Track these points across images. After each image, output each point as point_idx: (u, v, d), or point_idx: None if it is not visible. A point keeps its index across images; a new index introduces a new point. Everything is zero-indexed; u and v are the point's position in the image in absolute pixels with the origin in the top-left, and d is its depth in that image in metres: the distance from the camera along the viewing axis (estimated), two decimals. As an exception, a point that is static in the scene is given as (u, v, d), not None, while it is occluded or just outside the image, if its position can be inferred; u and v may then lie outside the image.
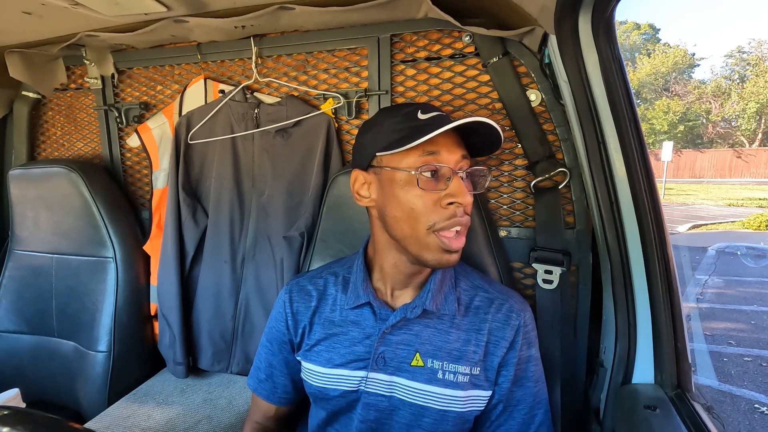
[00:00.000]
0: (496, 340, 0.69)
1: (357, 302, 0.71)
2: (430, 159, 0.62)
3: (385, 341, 0.69)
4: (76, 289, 1.22)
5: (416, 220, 0.62)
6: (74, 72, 1.34)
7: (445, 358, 0.68)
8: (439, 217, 0.61)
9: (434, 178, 0.62)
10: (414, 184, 0.62)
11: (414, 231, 0.63)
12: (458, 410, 0.67)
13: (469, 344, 0.69)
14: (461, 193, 0.61)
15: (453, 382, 0.67)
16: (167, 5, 0.91)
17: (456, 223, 0.62)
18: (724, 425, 2.08)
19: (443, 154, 0.62)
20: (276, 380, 0.79)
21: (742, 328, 3.62)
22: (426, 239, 0.62)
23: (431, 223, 0.62)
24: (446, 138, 0.63)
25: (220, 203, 1.16)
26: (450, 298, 0.70)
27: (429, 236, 0.62)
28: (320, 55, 1.11)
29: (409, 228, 0.63)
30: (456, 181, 0.61)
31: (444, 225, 0.61)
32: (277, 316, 0.78)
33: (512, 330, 0.69)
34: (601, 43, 0.67)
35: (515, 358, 0.69)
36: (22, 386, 0.89)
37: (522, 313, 0.71)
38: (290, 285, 0.78)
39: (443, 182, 0.62)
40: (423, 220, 0.62)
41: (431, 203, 0.62)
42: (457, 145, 0.64)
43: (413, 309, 0.68)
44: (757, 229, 8.02)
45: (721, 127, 22.92)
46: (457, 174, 0.62)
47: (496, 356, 0.69)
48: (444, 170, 0.62)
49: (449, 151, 0.62)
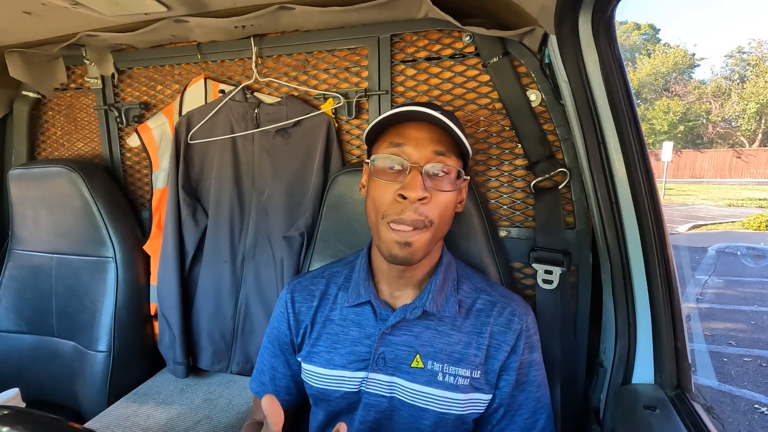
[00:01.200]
0: (498, 344, 0.69)
1: (358, 300, 0.70)
2: (395, 151, 0.63)
3: (385, 341, 0.69)
4: (76, 288, 1.22)
5: (376, 210, 0.64)
6: (74, 72, 1.34)
7: (446, 360, 0.67)
8: (392, 210, 0.62)
9: (392, 170, 0.63)
10: (376, 174, 0.64)
11: (372, 221, 0.65)
12: (458, 413, 0.67)
13: (470, 347, 0.68)
14: (410, 188, 0.60)
15: (453, 384, 0.67)
16: (167, 5, 0.91)
17: (402, 220, 0.61)
18: (724, 425, 2.08)
19: (409, 148, 0.62)
20: (278, 383, 0.78)
21: (742, 329, 3.62)
22: (380, 229, 0.63)
23: (384, 212, 0.62)
24: (417, 132, 0.63)
25: (220, 203, 1.16)
26: (451, 300, 0.70)
27: (382, 226, 0.63)
28: (320, 55, 1.11)
29: (370, 218, 0.65)
30: (411, 174, 0.61)
31: (393, 218, 0.61)
32: (278, 317, 0.77)
33: (514, 334, 0.69)
34: (601, 43, 0.67)
35: (517, 362, 0.68)
36: (22, 386, 0.89)
37: (524, 317, 0.70)
38: (292, 285, 0.78)
39: (403, 175, 0.62)
40: (380, 210, 0.63)
41: (390, 194, 0.62)
42: (430, 141, 0.62)
43: (413, 310, 0.68)
44: (757, 230, 8.03)
45: (721, 128, 22.93)
46: (416, 168, 0.61)
47: (497, 360, 0.68)
48: (403, 163, 0.62)
49: (417, 145, 0.62)
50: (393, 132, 0.65)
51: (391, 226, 0.62)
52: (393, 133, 0.64)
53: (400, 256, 0.62)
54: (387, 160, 0.63)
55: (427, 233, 0.62)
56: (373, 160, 0.64)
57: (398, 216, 0.61)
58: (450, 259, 0.74)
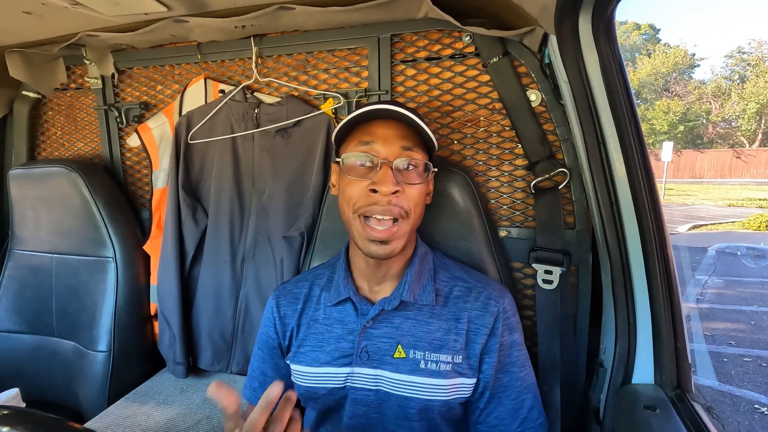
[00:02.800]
0: (476, 328, 0.70)
1: (338, 298, 0.73)
2: (364, 149, 0.66)
3: (366, 335, 0.70)
4: (76, 288, 1.22)
5: (347, 204, 0.67)
6: (74, 72, 1.34)
7: (427, 348, 0.69)
8: (364, 202, 0.65)
9: (363, 166, 0.66)
10: (347, 172, 0.66)
11: (345, 215, 0.68)
12: (443, 398, 0.68)
13: (449, 333, 0.70)
14: (382, 183, 0.63)
15: (436, 371, 0.68)
16: (167, 5, 0.91)
17: (376, 210, 0.64)
18: (724, 425, 2.08)
19: (377, 145, 0.65)
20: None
21: (742, 329, 3.62)
22: (354, 222, 0.66)
23: (356, 206, 0.65)
24: (384, 130, 0.66)
25: (220, 203, 1.16)
26: (428, 288, 0.72)
27: (355, 219, 0.66)
28: (320, 55, 1.11)
29: (344, 213, 0.68)
30: (382, 170, 0.64)
31: (365, 210, 0.64)
32: (266, 322, 0.79)
33: (492, 317, 0.70)
34: (602, 43, 0.67)
35: (497, 344, 0.70)
36: (22, 386, 0.89)
37: (500, 300, 0.72)
38: (277, 291, 0.80)
39: (374, 172, 0.65)
40: (351, 204, 0.66)
41: (361, 189, 0.65)
42: (396, 137, 0.66)
43: (391, 301, 0.70)
44: (757, 230, 8.02)
45: (721, 128, 22.92)
46: (386, 163, 0.64)
47: (478, 344, 0.70)
48: (373, 160, 0.65)
49: (385, 141, 0.65)
50: (360, 131, 0.68)
51: (364, 221, 0.65)
52: (361, 132, 0.67)
53: (378, 252, 0.65)
54: (357, 158, 0.66)
55: (406, 225, 0.66)
56: (344, 159, 0.67)
57: (368, 208, 0.64)
58: (426, 250, 0.77)
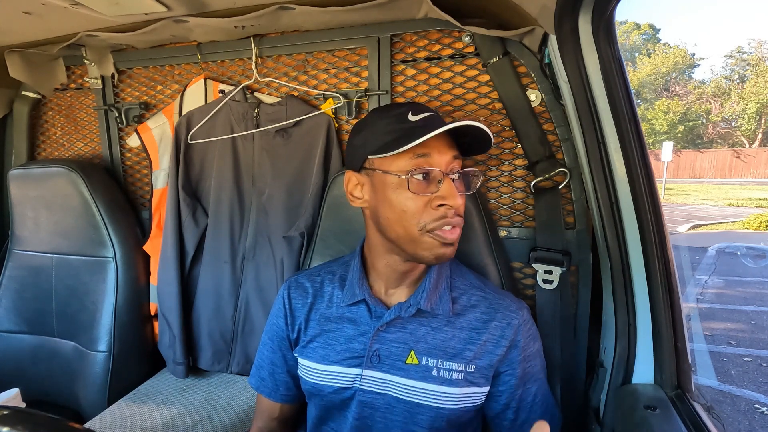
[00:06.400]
0: (495, 339, 0.69)
1: (353, 299, 0.72)
2: (421, 162, 0.62)
3: (379, 338, 0.70)
4: (76, 289, 1.22)
5: (408, 222, 0.63)
6: (74, 72, 1.34)
7: (440, 356, 0.68)
8: (430, 218, 0.62)
9: (425, 180, 0.63)
10: (405, 187, 0.62)
11: (407, 232, 0.64)
12: (453, 407, 0.68)
13: (464, 342, 0.69)
14: (451, 196, 0.61)
15: (448, 379, 0.68)
16: (167, 5, 0.91)
17: (446, 224, 0.62)
18: (724, 425, 2.08)
19: (434, 156, 0.62)
20: (277, 378, 0.79)
21: (742, 329, 3.62)
22: (420, 239, 0.63)
23: (423, 224, 0.63)
24: (437, 140, 0.63)
25: (220, 203, 1.16)
26: (445, 297, 0.71)
27: (423, 236, 0.63)
28: (320, 55, 1.11)
29: (402, 229, 0.64)
30: (447, 183, 0.62)
31: (435, 225, 0.62)
32: (276, 312, 0.79)
33: (512, 330, 0.70)
34: (601, 43, 0.67)
35: (520, 356, 0.70)
36: (22, 386, 0.89)
37: (519, 312, 0.72)
38: (289, 281, 0.79)
39: (434, 184, 0.63)
40: (414, 222, 0.63)
41: (423, 205, 0.62)
42: (448, 147, 0.64)
43: (408, 308, 0.69)
44: (757, 230, 8.02)
45: (721, 128, 22.92)
46: (448, 176, 0.63)
47: (496, 355, 0.69)
48: (435, 173, 0.62)
49: (440, 152, 0.63)
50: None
51: (434, 232, 0.62)
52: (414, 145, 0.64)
53: (446, 254, 0.64)
54: (422, 173, 0.62)
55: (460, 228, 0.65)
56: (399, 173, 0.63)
57: (438, 223, 0.62)
58: None
